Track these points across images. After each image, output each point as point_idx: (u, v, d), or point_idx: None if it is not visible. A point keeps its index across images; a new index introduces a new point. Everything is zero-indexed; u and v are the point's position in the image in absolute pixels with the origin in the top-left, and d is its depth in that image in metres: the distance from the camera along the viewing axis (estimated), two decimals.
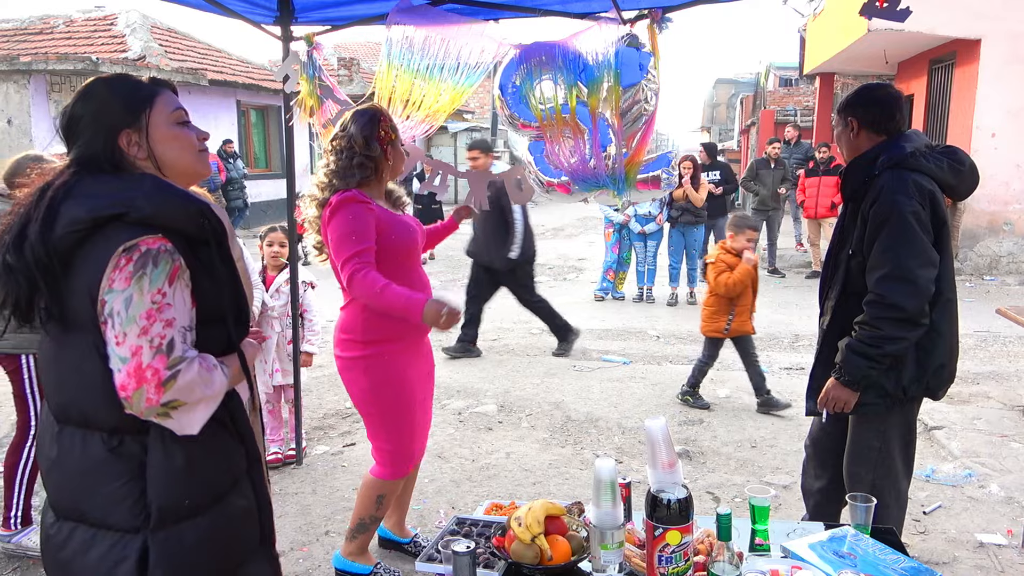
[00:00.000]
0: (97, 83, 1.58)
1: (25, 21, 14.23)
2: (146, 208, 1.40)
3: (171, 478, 1.45)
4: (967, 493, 3.77)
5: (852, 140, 2.60)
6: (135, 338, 1.36)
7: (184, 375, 1.39)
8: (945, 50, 11.16)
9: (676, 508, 1.79)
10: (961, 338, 7.11)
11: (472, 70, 3.48)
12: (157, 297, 1.38)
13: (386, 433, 2.80)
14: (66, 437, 1.48)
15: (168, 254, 1.40)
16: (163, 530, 1.44)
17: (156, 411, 1.38)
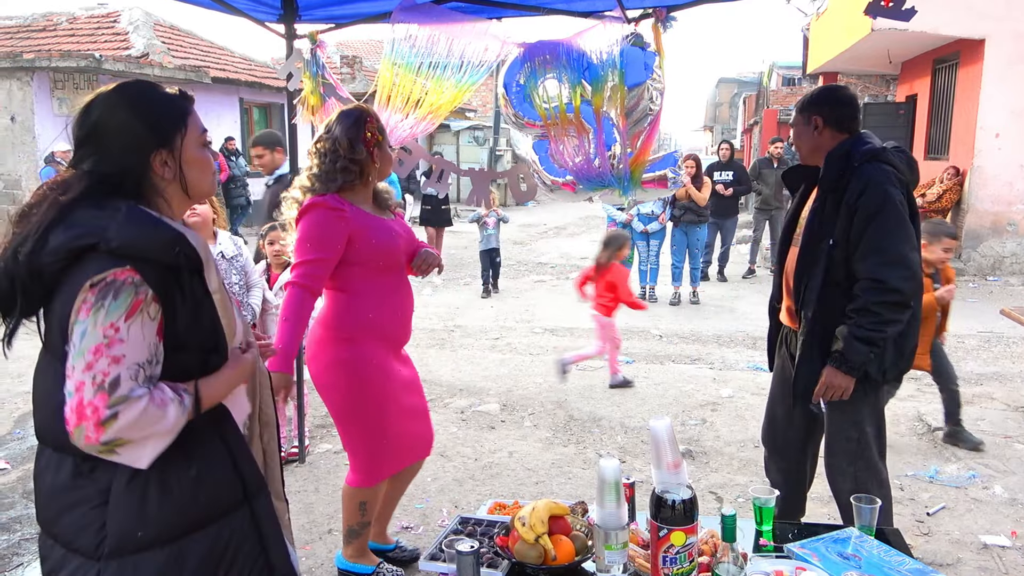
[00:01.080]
0: (131, 91, 1.53)
1: (28, 18, 14.24)
2: (115, 240, 1.38)
3: (128, 509, 1.43)
4: (971, 494, 3.76)
5: (815, 137, 2.70)
6: (80, 373, 1.34)
7: (126, 415, 1.33)
8: (949, 50, 11.13)
9: (681, 509, 1.78)
10: (964, 339, 7.12)
11: (475, 68, 3.47)
12: (109, 331, 1.34)
13: (359, 443, 2.76)
14: (44, 457, 1.49)
15: (132, 287, 1.37)
16: (116, 560, 1.42)
17: (97, 448, 1.35)
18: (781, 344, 2.94)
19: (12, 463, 4.18)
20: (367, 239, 2.59)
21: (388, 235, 2.67)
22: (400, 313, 2.76)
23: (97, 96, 1.52)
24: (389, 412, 2.72)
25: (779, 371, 2.94)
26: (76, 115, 1.51)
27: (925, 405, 4.99)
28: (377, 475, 2.79)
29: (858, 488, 2.53)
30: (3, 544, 3.31)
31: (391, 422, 2.73)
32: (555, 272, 10.82)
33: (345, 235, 2.55)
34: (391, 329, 2.73)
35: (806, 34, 15.87)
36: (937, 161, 11.59)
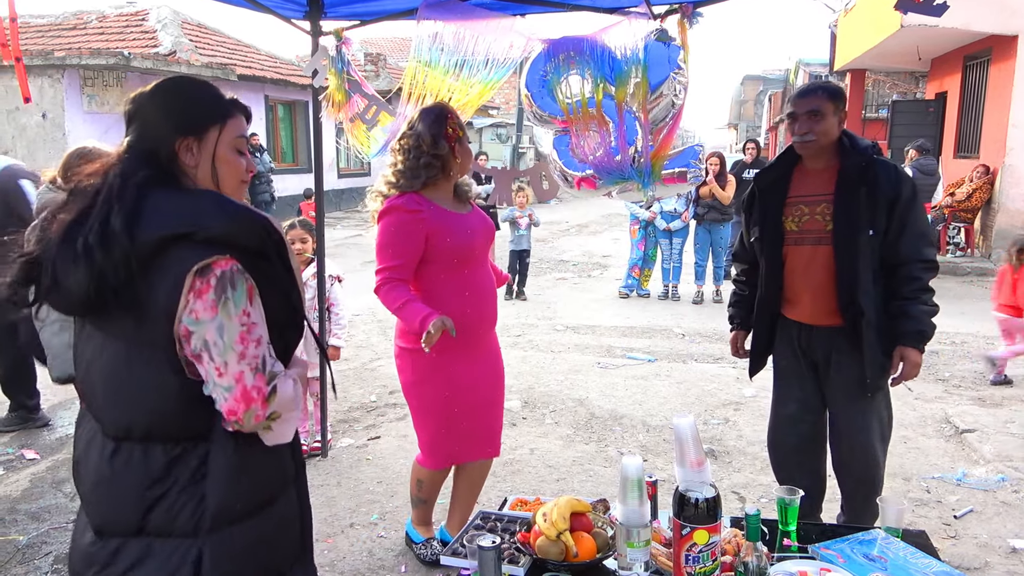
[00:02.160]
0: (183, 82, 1.59)
1: (59, 17, 14.46)
2: (215, 228, 1.40)
3: (229, 482, 1.46)
4: (999, 498, 3.70)
5: (836, 128, 2.74)
6: (236, 364, 1.39)
7: (281, 388, 1.45)
8: (980, 46, 10.94)
9: (704, 507, 1.77)
10: (994, 340, 7.00)
11: (500, 65, 3.47)
12: (244, 319, 1.40)
13: (423, 424, 2.90)
14: (124, 453, 1.46)
15: (241, 274, 1.40)
16: (216, 533, 1.45)
17: (262, 425, 1.44)
18: (785, 343, 2.90)
19: (42, 453, 4.26)
20: (443, 238, 2.68)
21: (464, 232, 2.74)
22: (476, 305, 2.79)
23: (160, 81, 1.57)
24: (452, 409, 2.81)
25: (787, 371, 2.93)
26: (134, 95, 1.56)
27: (952, 407, 4.92)
28: (436, 462, 2.93)
29: (881, 472, 2.79)
30: (33, 533, 3.37)
31: (454, 418, 2.82)
32: (577, 270, 10.80)
33: (423, 236, 2.65)
34: (466, 323, 2.76)
35: (833, 30, 15.68)
36: (967, 159, 11.41)
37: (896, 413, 2.92)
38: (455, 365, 2.78)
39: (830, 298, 2.73)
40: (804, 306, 2.81)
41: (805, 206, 2.75)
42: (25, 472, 4.03)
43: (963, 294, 8.97)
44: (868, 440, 2.80)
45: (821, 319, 2.78)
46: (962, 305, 8.29)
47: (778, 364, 2.97)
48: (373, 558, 3.19)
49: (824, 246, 2.71)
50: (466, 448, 2.92)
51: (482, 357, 2.89)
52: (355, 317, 7.47)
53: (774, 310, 2.90)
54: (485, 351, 2.91)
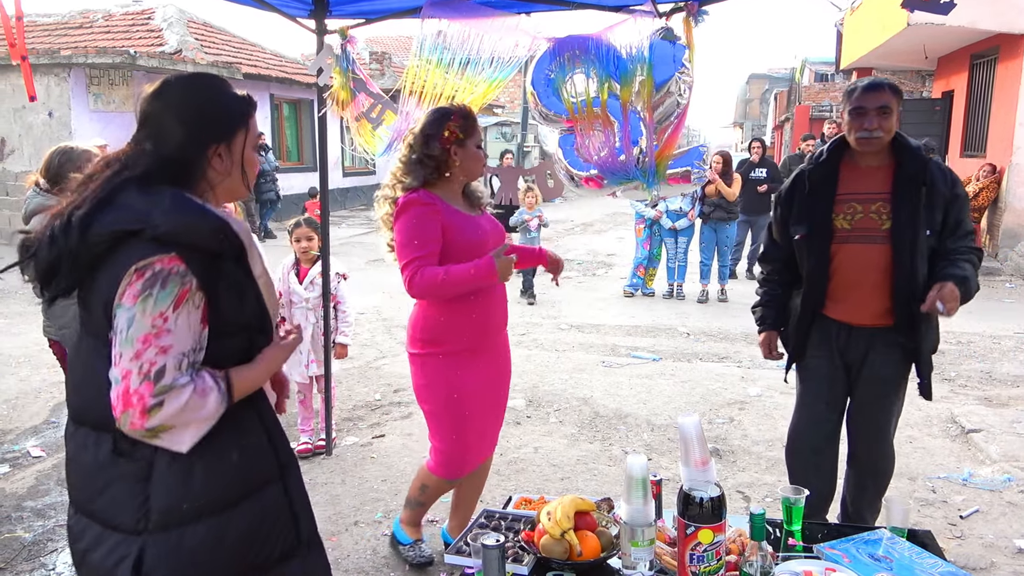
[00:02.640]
0: (205, 82, 1.58)
1: (65, 16, 14.49)
2: (162, 226, 1.40)
3: (173, 482, 1.45)
4: (1006, 498, 3.69)
5: (896, 125, 2.70)
6: (127, 361, 1.37)
7: (171, 403, 1.37)
8: (987, 45, 10.89)
9: (709, 507, 1.77)
10: (1000, 339, 6.99)
11: (505, 64, 3.47)
12: (158, 321, 1.37)
13: (437, 432, 2.85)
14: (80, 436, 1.51)
15: (178, 276, 1.39)
16: (162, 533, 1.44)
17: (141, 434, 1.39)
18: (822, 343, 2.82)
19: (48, 451, 4.28)
20: (456, 233, 2.67)
21: (476, 231, 2.74)
22: (486, 308, 2.78)
23: (172, 79, 1.56)
24: (463, 412, 2.78)
25: (818, 371, 2.85)
26: (147, 94, 1.54)
27: (959, 407, 4.90)
28: (449, 472, 2.88)
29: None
30: (39, 530, 3.38)
31: (465, 421, 2.79)
32: (581, 269, 10.78)
33: (439, 227, 2.65)
34: (478, 324, 2.77)
35: (840, 29, 15.63)
36: (974, 158, 11.36)
37: (902, 412, 2.92)
38: (464, 368, 2.76)
39: (880, 298, 2.69)
40: (849, 305, 2.75)
41: (858, 204, 2.69)
42: (31, 469, 4.04)
43: None
44: (889, 437, 2.85)
45: (865, 319, 2.74)
46: (968, 304, 8.25)
47: (810, 364, 2.88)
48: (377, 556, 3.20)
49: (879, 244, 2.66)
50: (475, 453, 2.90)
51: (491, 359, 2.86)
52: (360, 316, 7.48)
53: (817, 309, 2.81)
54: (495, 353, 2.89)
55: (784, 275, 2.94)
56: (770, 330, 3.00)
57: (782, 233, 2.90)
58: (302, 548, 1.65)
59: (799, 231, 2.78)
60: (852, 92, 2.68)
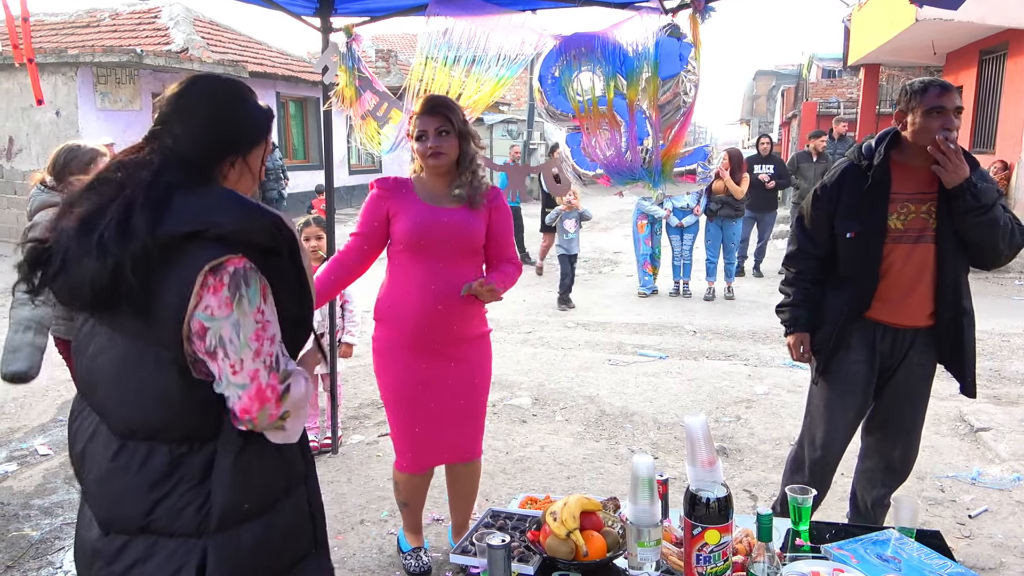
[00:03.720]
0: (237, 91, 1.56)
1: (72, 15, 14.54)
2: (227, 225, 1.39)
3: (235, 481, 1.45)
4: (1015, 497, 3.66)
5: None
6: (251, 362, 1.39)
7: (295, 387, 1.44)
8: (996, 40, 10.82)
9: (715, 507, 1.76)
10: (1010, 337, 6.93)
11: (511, 62, 3.46)
12: (259, 316, 1.40)
13: (388, 420, 2.92)
14: (128, 452, 1.46)
15: (254, 272, 1.40)
16: (222, 533, 1.44)
17: (276, 424, 1.43)
18: (862, 345, 2.75)
19: (55, 449, 4.29)
20: (399, 220, 2.71)
21: (422, 221, 2.67)
22: (421, 309, 2.69)
23: (201, 79, 1.55)
24: (406, 404, 2.78)
25: (855, 376, 2.77)
26: (175, 90, 1.53)
27: (967, 405, 4.87)
28: (400, 462, 2.90)
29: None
30: (47, 528, 3.39)
31: (408, 414, 2.78)
32: (588, 266, 10.77)
33: (384, 213, 2.74)
34: (407, 319, 2.72)
35: (847, 25, 15.54)
36: (983, 154, 11.28)
37: None
38: (408, 360, 2.74)
39: (926, 298, 2.67)
40: (897, 306, 2.69)
41: (911, 203, 2.65)
42: (38, 468, 4.06)
43: (978, 291, 8.85)
44: (919, 437, 2.85)
45: (908, 320, 2.70)
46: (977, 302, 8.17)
47: (848, 369, 2.78)
48: (383, 555, 3.20)
49: (925, 243, 2.65)
50: (430, 452, 2.85)
51: (444, 360, 2.76)
52: (366, 314, 7.47)
53: (863, 311, 2.72)
54: (449, 355, 2.76)
55: (817, 273, 2.85)
56: (802, 331, 2.87)
57: (822, 230, 2.79)
58: (318, 549, 1.66)
59: (851, 229, 2.68)
60: (924, 91, 2.58)
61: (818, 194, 2.81)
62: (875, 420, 2.86)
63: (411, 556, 3.04)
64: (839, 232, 2.72)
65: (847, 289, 2.74)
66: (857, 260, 2.70)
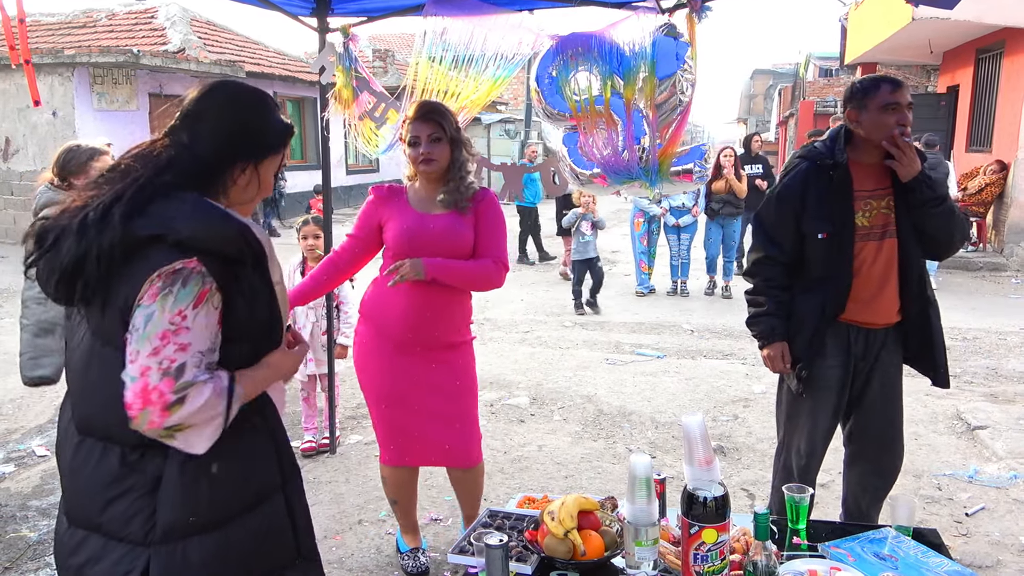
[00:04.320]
0: (259, 100, 1.58)
1: (69, 15, 14.51)
2: (184, 231, 1.39)
3: (181, 495, 1.44)
4: (1012, 495, 3.67)
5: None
6: (145, 357, 1.35)
7: (192, 401, 1.36)
8: (993, 39, 10.84)
9: (713, 506, 1.76)
10: (1007, 335, 6.95)
11: (508, 61, 3.46)
12: (176, 319, 1.36)
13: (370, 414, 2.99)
14: (86, 449, 1.48)
15: (199, 276, 1.38)
16: (166, 545, 1.43)
17: (159, 433, 1.37)
18: (838, 349, 2.71)
19: (52, 450, 4.27)
20: (391, 227, 2.77)
21: (405, 227, 2.73)
22: (408, 310, 2.73)
23: (230, 84, 1.57)
24: (375, 401, 2.86)
25: (830, 380, 2.73)
26: (200, 92, 1.54)
27: (964, 403, 4.88)
28: (383, 455, 2.97)
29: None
30: (44, 529, 3.39)
31: (379, 410, 2.87)
32: None
33: (377, 219, 2.83)
34: (392, 321, 2.76)
35: (844, 24, 15.56)
36: (979, 153, 11.31)
37: (907, 409, 2.90)
38: (390, 357, 2.79)
39: (895, 294, 2.68)
40: (866, 305, 2.67)
41: (873, 200, 2.66)
42: (36, 469, 4.05)
43: (975, 289, 8.91)
44: (903, 435, 2.83)
45: (880, 318, 2.70)
46: (973, 300, 8.23)
47: (824, 374, 2.72)
48: (381, 555, 3.20)
49: (889, 239, 2.65)
50: (410, 451, 2.88)
51: (425, 360, 2.78)
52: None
53: (839, 313, 2.67)
54: (429, 358, 2.79)
55: (785, 279, 2.77)
56: (781, 341, 2.76)
57: (788, 233, 2.72)
58: (300, 562, 1.63)
59: (823, 229, 2.63)
60: (876, 88, 2.59)
61: (782, 197, 2.74)
62: (857, 427, 2.82)
63: (409, 557, 3.05)
64: (808, 233, 2.67)
65: (821, 292, 2.68)
66: (831, 261, 2.65)
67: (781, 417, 2.92)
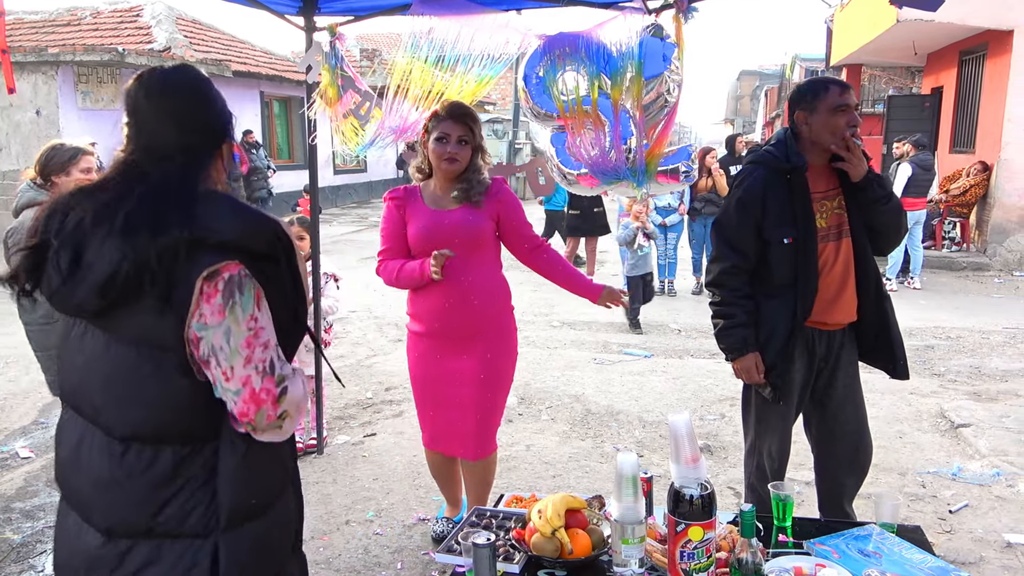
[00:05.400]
0: (205, 84, 1.54)
1: (53, 13, 14.37)
2: (227, 233, 1.40)
3: (240, 479, 1.46)
4: (994, 492, 3.71)
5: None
6: (242, 368, 1.39)
7: (292, 389, 1.46)
8: (976, 41, 10.94)
9: (699, 504, 1.77)
10: (989, 334, 7.02)
11: (495, 61, 3.46)
12: (251, 324, 1.40)
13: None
14: (132, 454, 1.43)
15: (249, 279, 1.40)
16: (231, 531, 1.45)
17: (274, 425, 1.44)
18: (803, 353, 2.71)
19: (36, 452, 4.25)
20: (414, 227, 2.87)
21: (427, 225, 2.85)
22: (435, 304, 2.86)
23: (174, 76, 1.51)
24: (417, 388, 3.07)
25: (793, 384, 2.74)
26: (143, 91, 1.47)
27: (948, 401, 4.93)
28: (423, 437, 3.14)
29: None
30: (28, 531, 3.36)
31: (419, 397, 3.07)
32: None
33: (403, 220, 2.91)
34: (428, 317, 2.91)
35: (829, 25, 15.67)
36: (963, 154, 11.42)
37: (891, 408, 2.93)
38: (429, 352, 2.96)
39: (852, 293, 2.70)
40: (829, 305, 2.68)
41: (826, 201, 2.68)
42: (19, 471, 4.02)
43: (959, 289, 8.99)
44: (867, 428, 2.84)
45: (841, 316, 2.72)
46: (957, 300, 8.31)
47: (790, 377, 2.72)
48: (369, 555, 3.19)
49: (845, 238, 2.68)
50: (442, 439, 3.06)
51: (460, 354, 2.91)
52: (351, 314, 7.46)
53: (806, 317, 2.66)
54: (466, 349, 2.90)
55: (749, 288, 2.73)
56: (753, 351, 2.70)
57: (750, 241, 2.69)
58: (297, 551, 1.68)
59: (787, 235, 2.62)
60: (825, 90, 2.60)
61: (742, 204, 2.70)
62: (826, 428, 2.83)
63: (439, 522, 3.27)
64: (772, 240, 2.64)
65: (789, 297, 2.66)
66: (797, 265, 2.63)
67: (750, 420, 2.91)
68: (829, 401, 2.79)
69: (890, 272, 8.71)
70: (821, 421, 2.84)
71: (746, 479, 3.02)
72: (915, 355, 5.87)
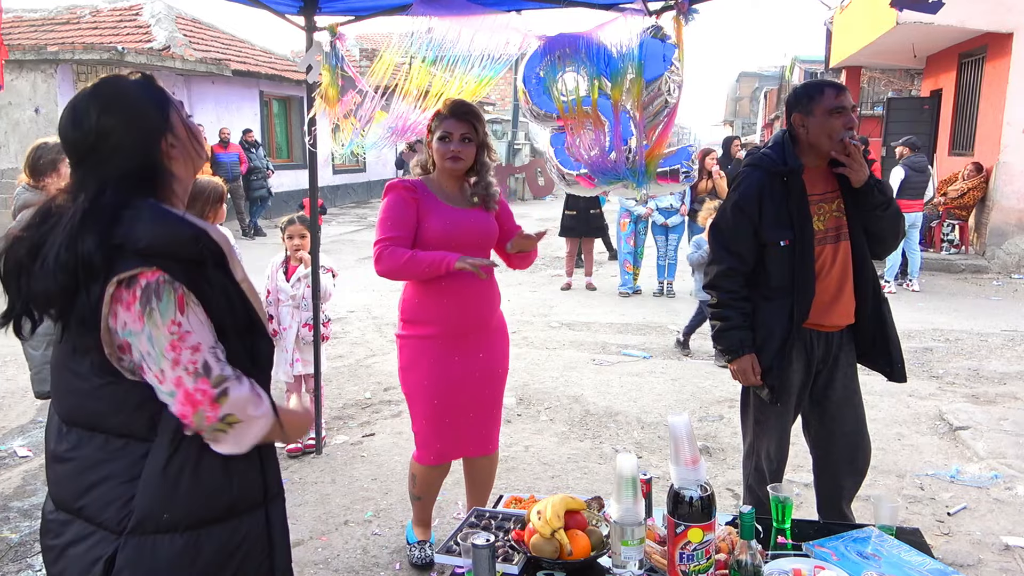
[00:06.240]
0: (121, 87, 1.54)
1: (52, 11, 14.37)
2: (143, 239, 1.40)
3: (158, 489, 1.45)
4: (993, 495, 3.71)
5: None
6: (171, 371, 1.40)
7: (234, 391, 1.43)
8: (976, 44, 10.96)
9: (699, 505, 1.77)
10: (988, 337, 7.02)
11: (495, 61, 3.46)
12: (174, 328, 1.40)
13: (412, 415, 2.94)
14: (72, 435, 1.51)
15: (168, 284, 1.40)
16: (136, 537, 1.44)
17: (216, 427, 1.42)
18: (800, 355, 2.72)
19: (34, 451, 4.24)
20: (429, 220, 2.77)
21: (449, 221, 2.78)
22: (460, 298, 2.80)
23: (87, 101, 1.50)
24: (433, 401, 2.85)
25: (791, 386, 2.75)
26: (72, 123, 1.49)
27: (946, 404, 4.93)
28: (424, 456, 2.94)
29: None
30: (26, 530, 3.35)
31: (437, 410, 2.86)
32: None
33: (415, 212, 2.78)
34: (449, 317, 2.81)
35: (829, 27, 15.68)
36: (962, 157, 11.43)
37: (890, 410, 2.94)
38: (441, 356, 2.82)
39: (850, 296, 2.71)
40: (827, 308, 2.69)
41: (824, 203, 2.68)
42: (17, 469, 4.01)
43: (957, 291, 9.00)
44: (866, 430, 2.84)
45: (839, 319, 2.72)
46: (956, 302, 8.32)
47: (789, 378, 2.72)
48: (367, 555, 3.19)
49: (843, 241, 2.68)
50: (453, 445, 2.94)
51: (472, 352, 2.87)
52: (350, 314, 7.46)
53: (804, 319, 2.66)
54: (476, 347, 2.88)
55: (746, 290, 2.74)
56: (750, 353, 2.71)
57: (747, 243, 2.69)
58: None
59: (785, 237, 2.62)
60: (821, 93, 2.61)
61: (739, 206, 2.70)
62: (826, 430, 2.83)
63: (416, 548, 3.12)
64: (770, 242, 2.65)
65: (786, 300, 2.66)
66: (795, 267, 2.64)
67: (749, 422, 2.92)
68: (828, 403, 2.79)
69: (888, 274, 8.72)
70: (820, 423, 2.84)
71: (744, 480, 3.02)
72: (913, 357, 5.87)
